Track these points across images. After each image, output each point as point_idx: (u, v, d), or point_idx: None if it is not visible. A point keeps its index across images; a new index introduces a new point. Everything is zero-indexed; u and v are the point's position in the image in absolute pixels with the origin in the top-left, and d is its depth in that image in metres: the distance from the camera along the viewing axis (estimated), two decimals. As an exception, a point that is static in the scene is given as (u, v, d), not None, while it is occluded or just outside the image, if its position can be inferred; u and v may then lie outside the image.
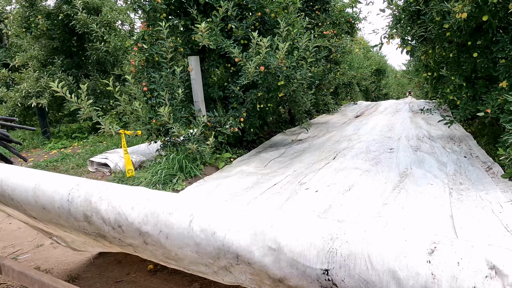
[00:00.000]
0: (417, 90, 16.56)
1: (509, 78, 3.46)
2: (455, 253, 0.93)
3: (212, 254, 1.27)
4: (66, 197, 1.60)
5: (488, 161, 4.06)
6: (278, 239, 1.14)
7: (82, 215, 1.55)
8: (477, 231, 2.43)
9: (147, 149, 5.22)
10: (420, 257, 0.95)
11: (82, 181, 1.66)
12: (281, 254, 1.13)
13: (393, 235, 1.03)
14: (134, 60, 4.74)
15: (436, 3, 3.58)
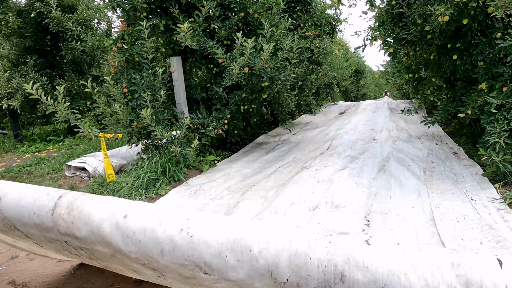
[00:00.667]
0: (394, 90, 16.96)
1: (488, 80, 3.55)
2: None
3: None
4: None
5: (454, 146, 4.99)
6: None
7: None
8: (443, 195, 3.27)
9: (128, 152, 5.06)
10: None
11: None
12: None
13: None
14: (113, 60, 4.58)
15: (419, 6, 3.64)
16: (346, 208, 3.04)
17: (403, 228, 2.68)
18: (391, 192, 3.43)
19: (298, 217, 2.99)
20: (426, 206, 3.04)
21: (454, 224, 2.67)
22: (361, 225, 2.76)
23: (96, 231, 1.41)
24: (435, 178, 3.75)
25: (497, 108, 3.29)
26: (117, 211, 1.41)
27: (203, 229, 1.25)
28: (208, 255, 1.21)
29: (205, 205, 3.44)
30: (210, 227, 1.25)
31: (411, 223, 2.74)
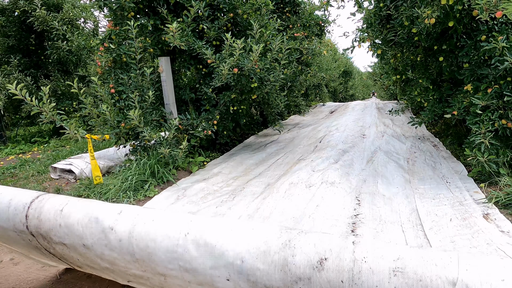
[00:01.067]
0: (381, 91, 17.16)
1: (474, 81, 3.62)
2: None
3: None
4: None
5: (434, 140, 5.50)
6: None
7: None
8: (422, 179, 3.77)
9: (115, 153, 4.98)
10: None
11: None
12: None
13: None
14: (100, 60, 4.50)
15: (406, 8, 3.68)
16: (340, 186, 3.53)
17: (388, 205, 3.12)
18: (378, 178, 3.87)
19: (297, 192, 3.45)
20: (408, 189, 3.50)
21: (430, 201, 3.13)
22: (353, 204, 3.20)
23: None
24: (416, 166, 4.30)
25: (482, 109, 3.36)
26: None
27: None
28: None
29: (194, 207, 3.41)
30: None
31: (395, 202, 3.19)
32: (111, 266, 1.70)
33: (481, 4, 2.76)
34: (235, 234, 1.43)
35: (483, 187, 3.27)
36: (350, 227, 2.74)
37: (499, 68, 3.21)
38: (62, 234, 1.72)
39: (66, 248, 1.76)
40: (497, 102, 3.28)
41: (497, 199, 2.88)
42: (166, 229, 1.52)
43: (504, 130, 3.24)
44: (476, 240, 2.37)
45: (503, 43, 3.12)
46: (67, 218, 1.71)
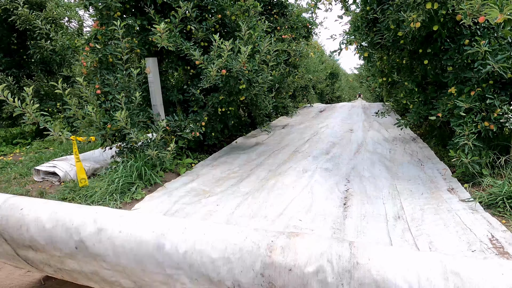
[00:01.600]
0: (367, 93, 17.41)
1: (457, 84, 3.71)
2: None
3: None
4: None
5: (412, 134, 6.29)
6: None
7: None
8: (401, 164, 4.54)
9: (101, 155, 4.89)
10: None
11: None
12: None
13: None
14: (85, 60, 4.42)
15: (392, 12, 3.75)
16: (333, 172, 4.31)
17: (373, 184, 3.85)
18: (364, 164, 4.60)
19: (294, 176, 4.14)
20: (389, 172, 4.26)
21: (407, 181, 3.87)
22: (344, 182, 3.93)
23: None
24: (397, 154, 5.07)
25: (465, 111, 3.44)
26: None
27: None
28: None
29: (182, 209, 3.38)
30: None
31: (379, 181, 3.93)
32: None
33: (465, 9, 2.83)
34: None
35: (468, 188, 3.34)
36: (342, 206, 3.27)
37: (481, 72, 3.30)
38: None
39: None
40: (480, 105, 3.37)
41: (480, 199, 2.95)
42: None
43: (486, 132, 3.32)
44: (438, 205, 3.09)
45: (485, 47, 3.21)
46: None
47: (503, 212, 2.75)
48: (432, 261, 1.28)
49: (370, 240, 2.61)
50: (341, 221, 2.94)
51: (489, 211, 2.82)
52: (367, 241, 2.58)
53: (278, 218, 3.02)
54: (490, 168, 3.37)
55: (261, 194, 3.66)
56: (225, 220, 3.09)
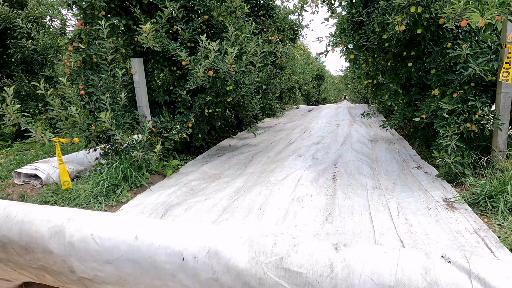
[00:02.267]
0: (353, 95, 17.63)
1: (440, 86, 3.79)
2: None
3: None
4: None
5: (393, 132, 6.95)
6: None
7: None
8: (381, 150, 5.41)
9: (85, 157, 4.79)
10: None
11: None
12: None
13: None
14: (69, 60, 4.32)
15: (377, 15, 3.80)
16: (323, 160, 4.85)
17: (357, 168, 4.48)
18: (350, 152, 5.28)
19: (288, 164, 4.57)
20: (370, 157, 5.02)
21: (384, 163, 4.71)
22: (332, 168, 4.47)
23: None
24: (377, 145, 5.89)
25: (448, 113, 3.52)
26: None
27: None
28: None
29: (168, 210, 3.33)
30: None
31: (362, 166, 4.56)
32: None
33: (447, 13, 2.89)
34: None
35: (452, 186, 3.42)
36: (332, 180, 4.01)
37: (463, 74, 3.38)
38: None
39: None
40: (462, 106, 3.45)
41: (463, 198, 3.02)
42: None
43: (468, 133, 3.40)
44: (407, 178, 3.96)
45: (467, 51, 3.29)
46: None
47: (484, 211, 2.82)
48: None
49: (355, 205, 3.26)
50: (333, 189, 3.70)
51: (472, 210, 2.88)
52: (352, 204, 3.30)
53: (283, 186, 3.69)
54: (472, 168, 3.46)
55: (256, 186, 3.66)
56: (213, 220, 3.06)
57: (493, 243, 2.33)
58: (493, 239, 2.38)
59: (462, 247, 2.33)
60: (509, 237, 2.36)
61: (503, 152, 3.43)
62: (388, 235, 2.62)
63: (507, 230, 2.48)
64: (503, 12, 2.46)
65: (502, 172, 3.19)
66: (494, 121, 3.33)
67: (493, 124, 3.34)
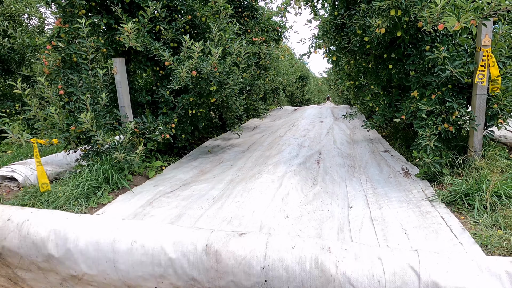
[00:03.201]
0: (336, 96, 17.86)
1: (419, 88, 3.89)
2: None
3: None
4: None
5: (366, 124, 7.28)
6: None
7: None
8: (358, 138, 6.51)
9: (64, 159, 4.68)
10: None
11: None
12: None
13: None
14: (47, 59, 4.21)
15: (359, 17, 3.87)
16: (310, 148, 5.73)
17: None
18: (333, 140, 6.27)
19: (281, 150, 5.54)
20: (350, 144, 6.03)
21: (360, 151, 5.48)
22: (317, 154, 5.26)
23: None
24: (356, 134, 7.05)
25: (427, 114, 3.61)
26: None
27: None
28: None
29: (149, 212, 3.29)
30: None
31: (343, 150, 5.50)
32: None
33: (425, 16, 2.98)
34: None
35: (433, 186, 3.51)
36: (316, 162, 4.82)
37: (441, 76, 3.49)
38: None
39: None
40: (440, 107, 3.55)
41: (442, 196, 3.11)
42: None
43: (446, 133, 3.51)
44: (374, 153, 5.24)
45: (444, 53, 3.40)
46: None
47: (461, 209, 2.91)
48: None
49: (335, 177, 4.19)
50: (316, 169, 4.50)
51: (450, 208, 2.97)
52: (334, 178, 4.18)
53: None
54: (450, 167, 3.56)
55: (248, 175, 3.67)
56: (198, 220, 3.05)
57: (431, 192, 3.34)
58: (429, 190, 3.41)
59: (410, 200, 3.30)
60: (484, 234, 2.45)
61: (478, 151, 3.55)
62: (358, 197, 3.53)
63: (482, 227, 2.57)
64: (477, 16, 2.56)
65: (477, 171, 3.30)
66: (470, 121, 3.44)
67: (469, 125, 3.45)
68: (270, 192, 3.58)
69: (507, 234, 2.37)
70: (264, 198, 3.45)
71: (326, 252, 1.93)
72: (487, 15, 2.57)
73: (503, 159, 3.56)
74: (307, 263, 1.91)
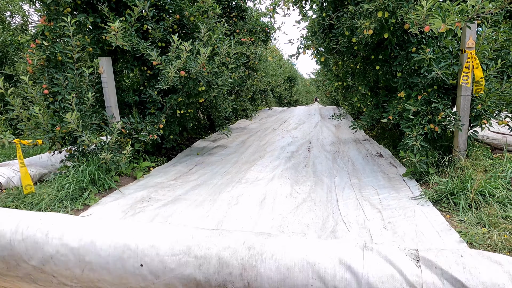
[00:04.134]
0: (323, 97, 17.99)
1: (406, 89, 3.95)
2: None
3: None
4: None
5: (351, 120, 7.67)
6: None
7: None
8: (343, 131, 7.46)
9: (49, 160, 4.57)
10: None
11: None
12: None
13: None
14: (31, 58, 4.11)
15: (347, 19, 3.91)
16: (299, 138, 6.62)
17: (326, 133, 6.94)
18: (321, 132, 7.15)
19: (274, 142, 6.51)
20: (335, 135, 6.84)
21: (345, 141, 6.13)
22: (307, 144, 6.09)
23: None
24: (341, 128, 7.78)
25: (413, 114, 3.67)
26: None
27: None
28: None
29: (136, 214, 3.25)
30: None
31: (330, 131, 7.02)
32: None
33: (412, 18, 3.02)
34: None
35: (420, 185, 3.56)
36: (307, 150, 5.60)
37: (427, 77, 3.55)
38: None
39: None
40: (426, 108, 3.62)
41: (428, 195, 3.16)
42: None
43: (432, 134, 3.57)
44: (357, 143, 6.02)
45: (430, 55, 3.46)
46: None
47: (447, 208, 2.96)
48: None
49: (321, 161, 4.93)
50: (307, 154, 5.32)
51: (436, 206, 3.02)
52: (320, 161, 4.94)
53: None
54: (436, 167, 3.63)
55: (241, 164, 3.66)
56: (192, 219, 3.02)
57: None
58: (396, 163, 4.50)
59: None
60: (469, 232, 2.50)
61: (463, 151, 3.63)
62: (342, 172, 4.40)
63: (467, 225, 2.62)
64: (462, 19, 2.61)
65: (462, 170, 3.36)
66: (455, 122, 3.51)
67: (454, 125, 3.52)
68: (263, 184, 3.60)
69: (491, 232, 2.43)
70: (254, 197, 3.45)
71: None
72: (471, 17, 2.63)
73: (487, 158, 3.65)
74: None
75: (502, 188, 2.90)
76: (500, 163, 3.44)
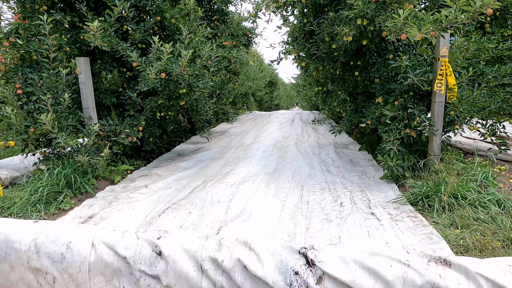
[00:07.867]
0: (304, 102, 18.22)
1: (383, 95, 4.06)
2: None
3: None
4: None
5: (333, 124, 8.51)
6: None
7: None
8: (322, 127, 8.78)
9: (22, 163, 4.41)
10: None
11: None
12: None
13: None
14: (4, 57, 3.96)
15: (327, 25, 3.99)
16: (279, 142, 6.85)
17: (306, 138, 7.17)
18: (304, 131, 8.04)
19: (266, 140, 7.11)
20: (315, 132, 7.88)
21: (323, 144, 6.44)
22: (293, 138, 7.05)
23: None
24: (320, 133, 8.01)
25: (391, 119, 3.77)
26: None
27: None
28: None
29: (111, 217, 3.17)
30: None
31: (310, 136, 7.32)
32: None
33: (389, 26, 3.12)
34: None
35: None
36: (285, 153, 5.85)
37: (403, 84, 3.66)
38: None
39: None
40: (403, 113, 3.73)
41: (406, 198, 3.25)
42: None
43: (408, 138, 3.68)
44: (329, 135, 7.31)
45: (406, 62, 3.57)
46: None
47: (422, 210, 3.05)
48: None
49: (299, 163, 5.12)
50: (285, 156, 5.60)
51: (413, 207, 3.11)
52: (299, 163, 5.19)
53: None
54: (412, 170, 3.74)
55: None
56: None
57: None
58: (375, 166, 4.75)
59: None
60: (443, 233, 2.59)
61: (437, 155, 3.76)
62: (319, 173, 4.61)
63: (441, 226, 2.71)
64: (436, 28, 2.72)
65: (436, 174, 3.48)
66: (429, 127, 3.63)
67: (429, 130, 3.64)
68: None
69: (463, 233, 2.52)
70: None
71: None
72: (445, 27, 2.74)
73: (459, 162, 3.79)
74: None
75: (473, 191, 3.02)
76: (471, 167, 3.58)
